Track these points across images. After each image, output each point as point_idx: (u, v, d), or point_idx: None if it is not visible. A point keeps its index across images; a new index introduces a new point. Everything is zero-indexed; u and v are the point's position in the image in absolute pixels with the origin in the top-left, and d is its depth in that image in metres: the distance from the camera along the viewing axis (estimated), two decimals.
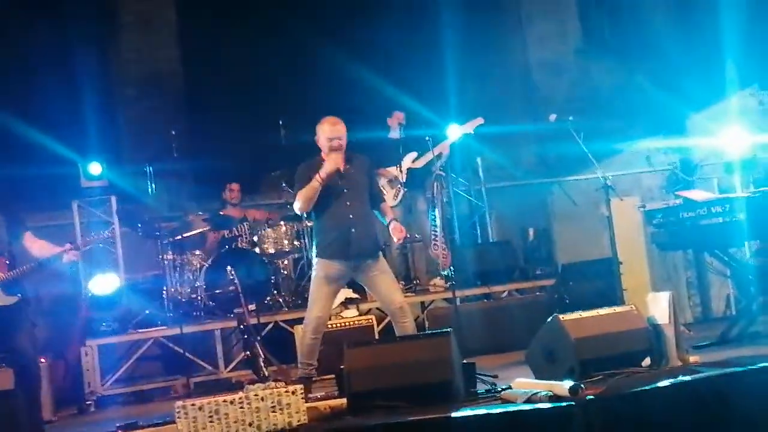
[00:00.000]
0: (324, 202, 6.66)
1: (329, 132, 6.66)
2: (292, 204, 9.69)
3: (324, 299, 6.75)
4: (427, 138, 8.30)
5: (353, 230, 6.64)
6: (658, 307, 6.35)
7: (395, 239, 6.88)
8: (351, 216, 6.67)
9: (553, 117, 8.07)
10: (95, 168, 9.72)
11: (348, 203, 6.69)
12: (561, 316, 6.27)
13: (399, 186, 9.41)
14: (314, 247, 6.84)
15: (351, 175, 6.75)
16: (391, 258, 9.67)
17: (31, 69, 10.90)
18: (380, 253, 6.90)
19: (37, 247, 6.38)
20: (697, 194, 7.70)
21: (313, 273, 6.81)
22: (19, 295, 6.27)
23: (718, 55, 10.92)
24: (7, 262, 6.26)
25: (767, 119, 10.24)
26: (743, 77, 10.80)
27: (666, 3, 13.22)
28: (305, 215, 7.61)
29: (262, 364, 7.65)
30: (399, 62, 12.15)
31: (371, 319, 8.51)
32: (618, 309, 6.52)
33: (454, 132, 9.39)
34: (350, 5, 12.45)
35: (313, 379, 6.84)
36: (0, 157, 6.51)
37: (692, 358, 6.34)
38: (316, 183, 6.55)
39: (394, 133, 9.58)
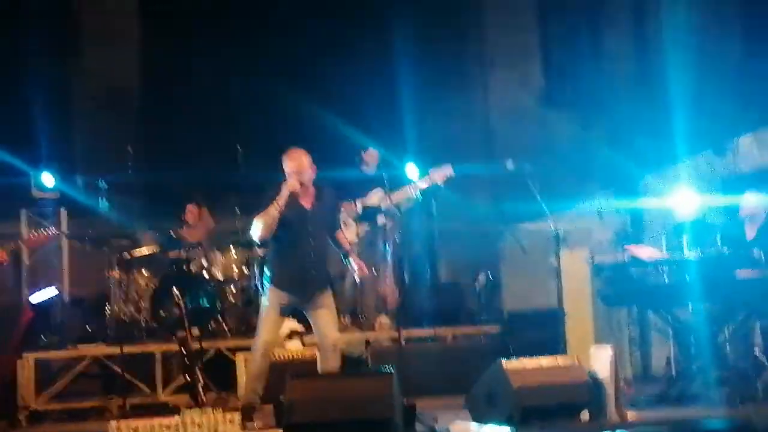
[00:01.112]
0: (288, 235, 6.62)
1: (290, 166, 6.59)
2: (246, 230, 9.72)
3: (273, 325, 6.78)
4: (384, 175, 8.31)
5: (313, 270, 6.68)
6: (600, 361, 6.43)
7: (356, 276, 6.88)
8: (313, 255, 6.68)
9: (509, 163, 8.14)
10: (47, 179, 9.64)
11: (312, 242, 6.68)
12: (504, 363, 6.32)
13: (360, 222, 9.38)
14: (268, 275, 6.82)
15: (318, 212, 6.73)
16: (342, 290, 9.65)
17: None
18: (329, 286, 6.90)
19: None
20: (644, 251, 7.81)
21: (264, 301, 6.80)
22: None
23: (674, 120, 11.11)
24: None
25: (718, 184, 10.42)
26: (698, 142, 10.99)
27: (626, 63, 13.41)
28: (258, 243, 7.55)
29: (201, 390, 7.57)
30: (359, 99, 12.19)
31: (315, 353, 8.45)
32: (561, 360, 6.59)
33: (414, 174, 9.38)
34: (312, 41, 12.48)
35: (256, 408, 6.77)
36: None
37: (630, 415, 6.40)
38: (273, 209, 6.49)
39: (369, 168, 9.57)
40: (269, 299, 6.74)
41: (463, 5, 12.94)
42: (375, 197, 9.42)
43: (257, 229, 6.59)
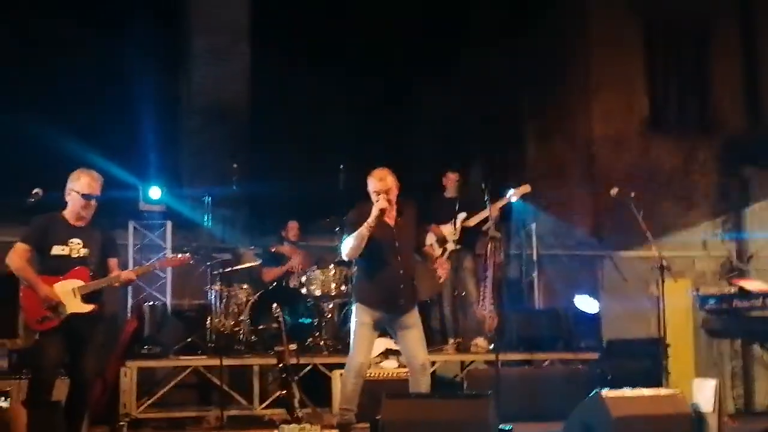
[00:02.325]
0: (375, 252, 6.66)
1: (375, 186, 6.67)
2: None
3: (366, 345, 6.78)
4: (486, 199, 8.29)
5: (402, 285, 6.68)
6: (704, 394, 6.30)
7: (439, 275, 6.82)
8: (401, 271, 6.69)
9: (614, 191, 8.03)
10: (155, 192, 9.89)
11: (399, 257, 6.70)
12: (603, 392, 6.23)
13: (446, 245, 9.38)
14: (356, 292, 6.89)
15: (402, 227, 6.78)
16: (440, 313, 9.64)
17: (101, 93, 11.05)
18: (416, 305, 6.90)
19: (115, 273, 6.60)
20: (753, 284, 7.64)
21: (354, 318, 6.82)
22: (96, 305, 6.45)
23: None
24: (91, 273, 6.47)
25: None
26: None
27: (733, 89, 13.16)
28: (352, 262, 7.59)
29: (297, 405, 7.64)
30: (459, 121, 12.22)
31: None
32: (662, 392, 6.48)
33: (507, 197, 9.35)
34: (412, 65, 12.54)
35: (352, 426, 6.80)
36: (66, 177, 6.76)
37: None
38: (364, 230, 6.55)
39: (450, 192, 9.61)
40: (358, 317, 6.76)
41: (569, 30, 12.87)
42: (460, 220, 9.40)
43: (347, 249, 6.67)
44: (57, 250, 6.43)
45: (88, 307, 6.40)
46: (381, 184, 6.65)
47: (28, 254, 6.46)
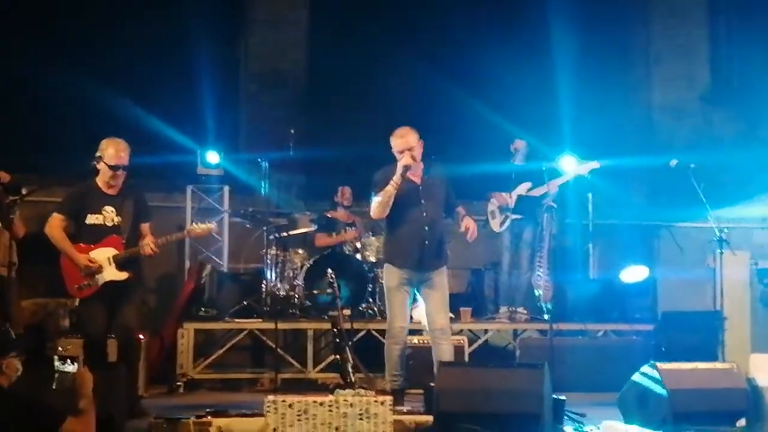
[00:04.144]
0: (401, 210, 6.70)
1: (398, 145, 6.68)
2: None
3: (402, 307, 6.79)
4: (543, 168, 8.25)
5: (427, 242, 6.67)
6: (761, 369, 6.23)
7: (468, 234, 6.81)
8: (426, 227, 6.67)
9: (674, 162, 7.95)
10: (213, 156, 9.99)
11: (425, 214, 6.69)
12: (659, 364, 6.20)
13: (508, 213, 9.37)
14: (384, 253, 6.98)
15: (428, 184, 6.78)
16: (495, 281, 9.65)
17: (161, 58, 11.15)
18: (445, 266, 6.90)
19: (145, 240, 6.69)
20: None
21: (385, 281, 6.88)
22: (131, 272, 6.56)
23: None
24: (123, 241, 6.64)
25: None
26: None
27: None
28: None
29: (350, 370, 7.70)
30: (518, 91, 12.12)
31: (462, 339, 8.53)
32: (718, 365, 6.45)
33: (569, 167, 9.25)
34: (472, 30, 12.45)
35: (405, 391, 6.84)
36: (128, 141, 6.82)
37: None
38: (390, 188, 6.61)
39: (518, 159, 9.57)
40: (388, 280, 6.80)
41: None
42: (523, 189, 9.37)
43: (375, 208, 6.72)
44: (92, 218, 6.60)
45: (123, 275, 6.59)
46: (402, 141, 6.67)
47: (64, 224, 6.64)
